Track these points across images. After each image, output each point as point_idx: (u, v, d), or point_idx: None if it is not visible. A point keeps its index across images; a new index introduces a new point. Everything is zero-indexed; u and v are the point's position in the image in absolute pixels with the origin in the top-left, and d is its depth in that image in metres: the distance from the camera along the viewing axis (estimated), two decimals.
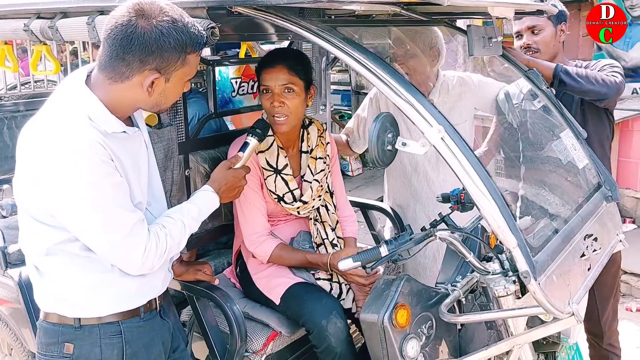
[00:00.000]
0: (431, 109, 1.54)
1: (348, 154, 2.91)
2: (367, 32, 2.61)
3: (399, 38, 2.43)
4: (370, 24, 2.39)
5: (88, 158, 1.46)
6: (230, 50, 4.92)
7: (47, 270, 1.62)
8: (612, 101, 2.34)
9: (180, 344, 1.93)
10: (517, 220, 1.68)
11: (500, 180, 1.96)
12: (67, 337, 1.62)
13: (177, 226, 1.69)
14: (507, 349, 1.74)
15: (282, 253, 2.17)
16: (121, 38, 1.48)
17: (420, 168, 2.62)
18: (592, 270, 1.78)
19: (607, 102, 2.32)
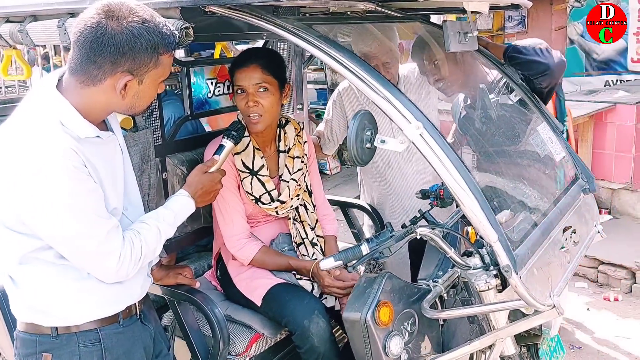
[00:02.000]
0: (409, 105, 1.54)
1: (320, 156, 2.92)
2: (342, 30, 2.61)
3: (372, 35, 2.43)
4: (344, 22, 2.38)
5: (60, 165, 1.42)
6: (205, 51, 4.87)
7: (21, 279, 1.58)
8: (556, 75, 2.30)
9: (162, 349, 1.90)
10: (497, 215, 1.69)
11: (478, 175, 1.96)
12: (44, 347, 1.59)
13: (152, 232, 1.66)
14: (490, 343, 1.75)
15: (265, 257, 2.15)
16: (91, 40, 1.44)
17: (393, 163, 2.63)
18: (572, 262, 1.80)
19: (550, 78, 2.27)
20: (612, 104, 4.80)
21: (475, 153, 2.26)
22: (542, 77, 2.20)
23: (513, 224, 1.71)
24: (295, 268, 2.13)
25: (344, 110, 2.71)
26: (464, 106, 2.40)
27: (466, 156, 2.46)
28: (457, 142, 2.56)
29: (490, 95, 2.34)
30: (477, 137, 2.28)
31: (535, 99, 2.23)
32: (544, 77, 2.20)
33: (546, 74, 2.19)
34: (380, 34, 2.40)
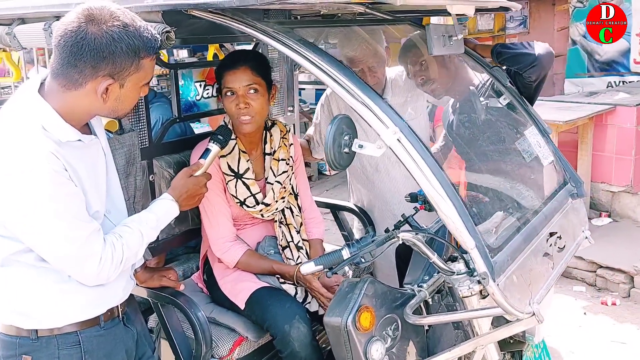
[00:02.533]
0: (387, 109, 1.53)
1: (310, 159, 2.91)
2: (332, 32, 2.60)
3: (357, 39, 2.42)
4: (329, 25, 2.37)
5: (40, 168, 1.42)
6: (207, 52, 4.88)
7: (2, 281, 1.58)
8: (545, 66, 2.26)
9: (146, 351, 1.90)
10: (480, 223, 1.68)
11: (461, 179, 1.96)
12: (24, 349, 1.59)
13: (135, 236, 1.66)
14: (471, 350, 1.74)
15: (250, 260, 2.15)
16: (71, 45, 1.45)
17: (381, 167, 2.62)
18: (556, 268, 1.78)
19: (539, 70, 2.23)
20: (612, 106, 4.76)
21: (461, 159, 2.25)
22: (530, 69, 2.17)
23: (494, 230, 1.70)
24: (279, 272, 2.13)
25: (332, 114, 2.71)
26: (452, 111, 2.38)
27: (453, 162, 2.46)
28: (446, 147, 2.55)
29: (480, 99, 2.32)
30: (465, 143, 2.26)
31: (523, 101, 2.21)
32: (532, 68, 2.17)
33: (534, 65, 2.17)
34: (367, 37, 2.39)
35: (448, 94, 2.45)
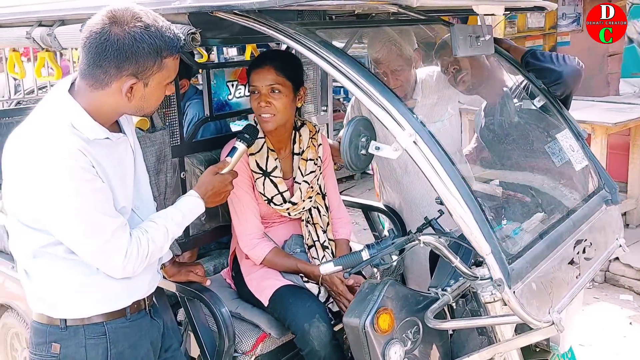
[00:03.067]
0: (404, 112, 1.52)
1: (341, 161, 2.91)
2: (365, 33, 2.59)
3: (382, 41, 2.40)
4: (351, 26, 2.37)
5: (67, 165, 1.48)
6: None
7: (34, 272, 1.66)
8: (570, 85, 2.20)
9: (172, 343, 1.95)
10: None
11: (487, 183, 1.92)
12: (54, 337, 1.66)
13: (160, 231, 1.71)
14: (490, 357, 1.71)
15: (275, 258, 2.18)
16: (96, 46, 1.50)
17: (410, 168, 2.59)
18: (582, 277, 1.73)
19: (563, 87, 2.18)
20: None
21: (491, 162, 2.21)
22: (555, 85, 2.13)
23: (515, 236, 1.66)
24: (303, 271, 2.14)
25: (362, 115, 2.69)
26: (484, 114, 2.34)
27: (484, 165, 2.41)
28: (478, 149, 2.50)
29: (513, 100, 2.27)
30: (495, 145, 2.22)
31: (557, 104, 2.15)
32: (557, 85, 2.13)
33: (559, 82, 2.12)
34: (395, 38, 2.37)
35: (480, 94, 2.40)
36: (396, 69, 2.38)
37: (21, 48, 2.68)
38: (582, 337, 3.72)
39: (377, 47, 2.41)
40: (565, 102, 2.20)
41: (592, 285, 4.44)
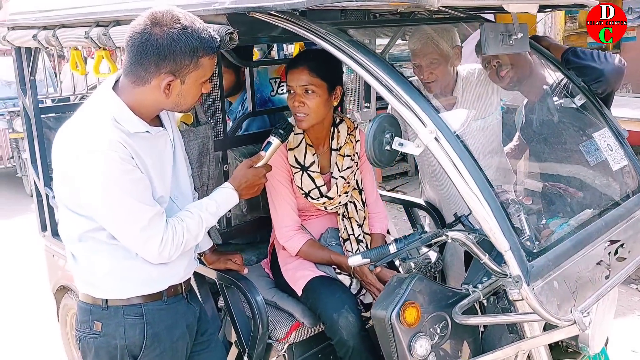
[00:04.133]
0: (427, 108, 1.55)
1: None
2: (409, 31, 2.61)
3: (420, 35, 2.41)
4: (386, 25, 2.41)
5: (108, 156, 1.60)
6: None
7: (79, 255, 1.80)
8: (611, 82, 2.16)
9: (209, 328, 2.06)
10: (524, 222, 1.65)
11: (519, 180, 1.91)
12: (96, 316, 1.80)
13: (195, 220, 1.81)
14: (513, 354, 1.71)
15: (310, 250, 2.24)
16: (138, 45, 1.62)
17: None
18: (612, 278, 1.70)
19: (605, 85, 2.15)
20: None
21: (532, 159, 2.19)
22: (596, 83, 2.09)
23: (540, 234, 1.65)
24: (336, 263, 2.20)
25: None
26: (525, 112, 2.31)
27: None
28: (519, 147, 2.48)
29: (554, 98, 2.24)
30: (535, 144, 2.20)
31: (598, 103, 2.11)
32: (598, 83, 2.09)
33: (600, 80, 2.08)
34: (433, 34, 2.38)
35: (521, 91, 2.38)
36: (431, 62, 2.39)
37: (82, 47, 2.86)
38: (634, 342, 3.60)
39: (414, 40, 2.43)
40: (606, 101, 2.15)
41: None
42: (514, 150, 2.57)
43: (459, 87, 2.56)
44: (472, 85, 2.57)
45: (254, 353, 2.12)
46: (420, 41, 2.40)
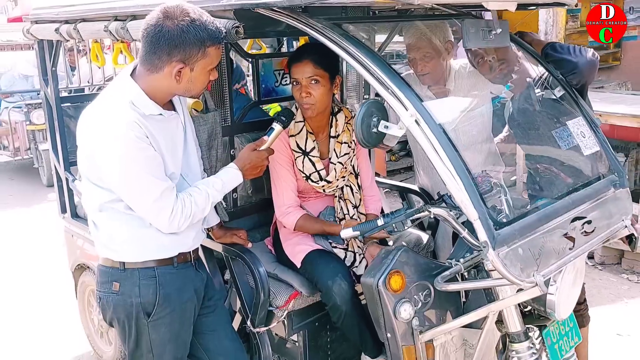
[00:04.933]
0: (410, 95, 1.75)
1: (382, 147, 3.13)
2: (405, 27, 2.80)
3: (414, 29, 2.58)
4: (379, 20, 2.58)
5: (125, 134, 1.81)
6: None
7: (100, 223, 2.02)
8: (585, 74, 2.34)
9: (215, 294, 2.28)
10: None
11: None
12: (114, 277, 2.02)
13: (202, 195, 2.02)
14: (484, 315, 1.91)
15: (305, 223, 2.45)
16: (152, 36, 1.83)
17: None
18: (576, 250, 1.89)
19: (579, 77, 2.32)
20: None
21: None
22: (571, 75, 2.27)
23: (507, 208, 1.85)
24: (329, 232, 2.42)
25: None
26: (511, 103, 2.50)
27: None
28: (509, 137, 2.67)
29: (537, 90, 2.43)
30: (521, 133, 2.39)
31: (574, 94, 2.29)
32: (572, 75, 2.27)
33: (575, 72, 2.26)
34: (426, 30, 2.56)
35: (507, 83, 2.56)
36: (424, 56, 2.57)
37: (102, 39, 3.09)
38: (622, 327, 3.77)
39: (408, 35, 2.62)
40: (581, 92, 2.33)
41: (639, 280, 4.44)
42: (504, 140, 2.75)
43: (451, 80, 2.74)
44: (463, 78, 2.75)
45: (256, 318, 2.34)
46: (414, 36, 2.59)
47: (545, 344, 2.02)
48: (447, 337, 2.16)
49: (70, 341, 3.88)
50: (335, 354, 2.65)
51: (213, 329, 2.24)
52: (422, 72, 2.64)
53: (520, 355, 1.99)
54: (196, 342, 2.21)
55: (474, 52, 2.59)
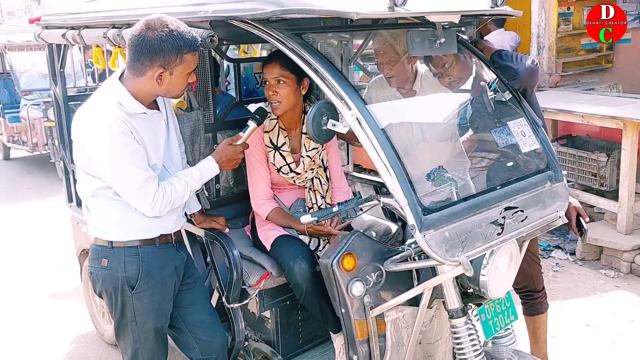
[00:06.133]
0: (354, 97, 2.00)
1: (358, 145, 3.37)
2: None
3: (381, 37, 2.83)
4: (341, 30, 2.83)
5: (112, 130, 2.10)
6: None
7: (92, 207, 2.31)
8: (524, 80, 2.54)
9: (194, 272, 2.56)
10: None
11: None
12: (103, 255, 2.30)
13: (181, 184, 2.29)
14: (420, 291, 2.16)
15: (276, 216, 2.73)
16: (135, 45, 2.12)
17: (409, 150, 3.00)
18: (503, 235, 2.13)
19: (519, 82, 2.53)
20: None
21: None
22: (512, 80, 2.50)
23: (440, 197, 2.10)
24: (294, 227, 2.69)
25: (372, 101, 3.15)
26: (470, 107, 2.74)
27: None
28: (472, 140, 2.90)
29: (489, 93, 2.67)
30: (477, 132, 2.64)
31: (518, 96, 2.53)
32: (514, 80, 2.51)
33: (515, 78, 2.50)
34: (389, 36, 2.81)
35: (462, 88, 2.80)
36: (389, 60, 2.82)
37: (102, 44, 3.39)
38: (591, 318, 3.99)
39: (375, 41, 2.88)
40: (524, 95, 2.57)
41: (617, 275, 4.63)
42: (468, 140, 2.98)
43: (417, 82, 2.99)
44: (429, 80, 2.99)
45: (230, 296, 2.61)
46: (379, 42, 2.85)
47: (480, 320, 2.26)
48: (399, 315, 2.40)
49: (75, 321, 4.22)
50: (306, 331, 2.91)
51: (192, 304, 2.52)
52: (388, 75, 2.89)
53: (458, 329, 2.24)
54: (176, 314, 2.49)
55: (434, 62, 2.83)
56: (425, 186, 2.99)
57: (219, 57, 3.13)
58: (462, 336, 2.24)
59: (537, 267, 2.98)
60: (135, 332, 2.35)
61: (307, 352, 2.93)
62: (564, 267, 4.85)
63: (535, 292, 3.02)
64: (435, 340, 2.63)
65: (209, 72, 2.81)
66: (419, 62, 3.00)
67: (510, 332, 2.47)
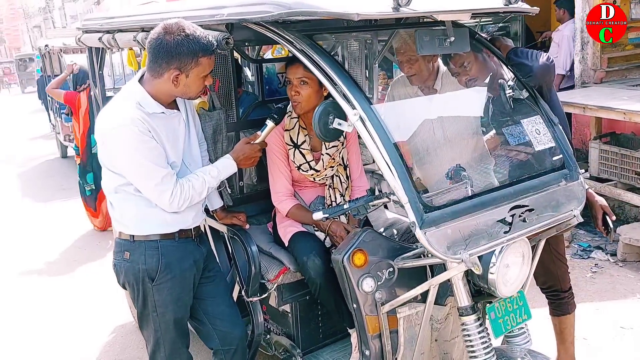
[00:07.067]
0: (359, 96, 2.04)
1: None
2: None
3: (403, 36, 2.82)
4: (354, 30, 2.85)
5: (130, 129, 2.22)
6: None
7: (115, 203, 2.44)
8: (539, 78, 2.51)
9: (215, 266, 2.66)
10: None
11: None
12: (126, 248, 2.44)
13: (199, 181, 2.39)
14: (426, 288, 2.18)
15: (296, 212, 2.79)
16: (154, 48, 2.23)
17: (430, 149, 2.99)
18: (512, 234, 2.12)
19: (534, 80, 2.49)
20: None
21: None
22: (528, 78, 2.47)
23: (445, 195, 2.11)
24: (315, 223, 2.73)
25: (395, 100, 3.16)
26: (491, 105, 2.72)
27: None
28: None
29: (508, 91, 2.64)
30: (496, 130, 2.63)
31: (534, 94, 2.50)
32: (529, 78, 2.47)
33: (530, 75, 2.46)
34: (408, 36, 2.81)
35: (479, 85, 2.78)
36: (409, 59, 2.82)
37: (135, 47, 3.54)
38: (626, 320, 3.87)
39: (395, 40, 2.89)
40: (540, 92, 2.53)
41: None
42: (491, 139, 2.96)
43: (439, 81, 2.98)
44: (450, 80, 2.99)
45: (249, 289, 2.70)
46: (399, 41, 2.87)
47: (489, 318, 2.26)
48: (412, 312, 2.43)
49: (116, 312, 4.42)
50: (326, 326, 2.98)
51: (213, 296, 2.63)
52: (409, 74, 2.90)
53: (468, 327, 2.24)
54: (197, 306, 2.60)
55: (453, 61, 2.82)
56: (440, 184, 3.01)
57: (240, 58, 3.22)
58: (472, 333, 2.24)
59: (563, 266, 2.93)
60: (157, 322, 2.46)
61: (327, 346, 2.99)
62: (603, 268, 4.72)
63: (562, 292, 2.97)
64: (452, 338, 2.63)
65: (231, 72, 2.90)
66: (440, 61, 2.99)
67: (524, 331, 2.45)
